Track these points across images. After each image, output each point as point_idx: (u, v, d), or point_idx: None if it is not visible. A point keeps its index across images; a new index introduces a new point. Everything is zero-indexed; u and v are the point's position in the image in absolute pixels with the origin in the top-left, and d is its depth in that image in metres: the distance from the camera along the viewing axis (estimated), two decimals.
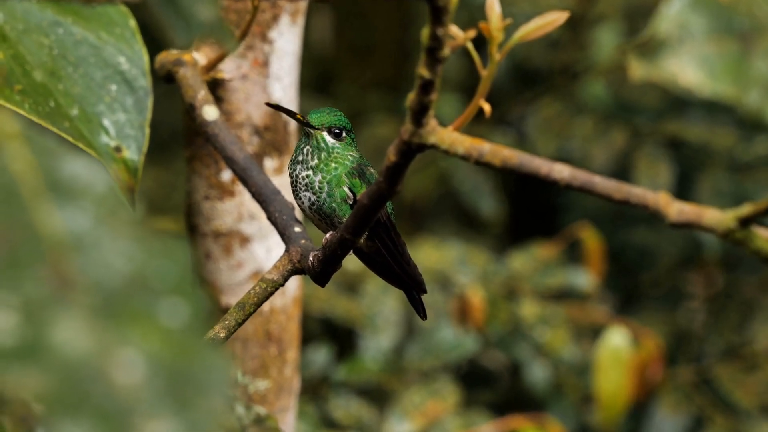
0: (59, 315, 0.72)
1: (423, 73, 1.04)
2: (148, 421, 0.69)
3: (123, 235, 0.76)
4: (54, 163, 0.79)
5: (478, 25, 1.09)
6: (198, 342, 0.73)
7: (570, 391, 2.99)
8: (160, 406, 0.70)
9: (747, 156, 3.31)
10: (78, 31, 1.37)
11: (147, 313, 0.74)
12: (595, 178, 0.99)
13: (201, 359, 0.73)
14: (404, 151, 1.10)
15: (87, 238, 0.76)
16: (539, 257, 3.01)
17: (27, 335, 0.71)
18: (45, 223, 0.75)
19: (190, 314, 0.74)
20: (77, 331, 0.71)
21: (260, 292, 1.38)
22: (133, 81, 1.40)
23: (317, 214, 1.44)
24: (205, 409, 0.71)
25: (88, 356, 0.71)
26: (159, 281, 0.75)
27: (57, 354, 0.70)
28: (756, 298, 3.36)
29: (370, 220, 1.24)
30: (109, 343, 0.72)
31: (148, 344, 0.72)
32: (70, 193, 0.78)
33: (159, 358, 0.72)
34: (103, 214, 0.76)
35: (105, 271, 0.74)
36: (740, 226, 0.92)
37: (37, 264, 0.73)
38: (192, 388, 0.71)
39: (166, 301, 0.74)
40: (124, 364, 0.71)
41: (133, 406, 0.70)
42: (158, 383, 0.71)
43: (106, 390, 0.70)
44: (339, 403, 2.74)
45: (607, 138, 3.36)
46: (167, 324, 0.74)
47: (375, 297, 2.85)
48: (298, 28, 1.78)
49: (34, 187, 0.76)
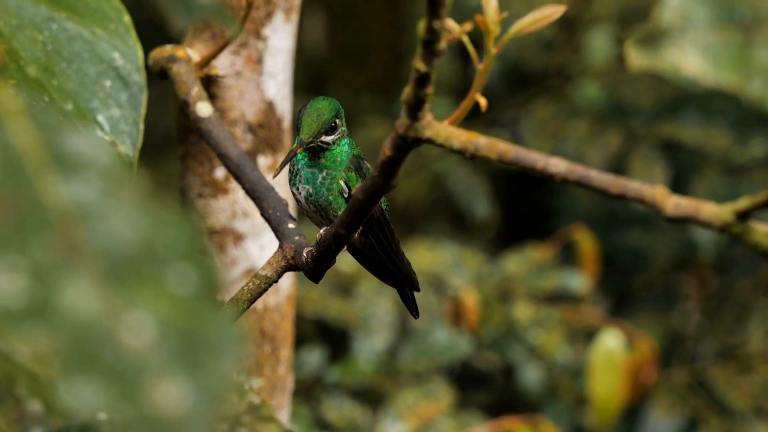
0: (67, 278, 0.72)
1: (419, 66, 1.03)
2: (159, 381, 0.70)
3: (129, 206, 0.76)
4: (58, 138, 0.79)
5: (475, 19, 1.08)
6: (208, 307, 0.73)
7: (564, 393, 2.98)
8: (170, 367, 0.70)
9: (742, 158, 3.30)
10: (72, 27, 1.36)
11: (156, 279, 0.74)
12: (591, 173, 0.98)
13: (211, 323, 0.73)
14: (399, 145, 1.09)
15: (93, 209, 0.76)
16: (533, 259, 3.01)
17: (36, 297, 0.71)
18: (51, 194, 0.75)
19: (199, 281, 0.74)
20: (86, 294, 0.72)
21: (254, 288, 1.37)
22: (128, 77, 1.40)
23: (312, 205, 1.43)
24: (217, 370, 0.71)
25: (98, 318, 0.71)
26: (167, 249, 0.75)
27: (66, 316, 0.71)
28: (750, 300, 3.36)
29: (364, 215, 1.24)
30: (118, 306, 0.72)
31: (158, 308, 0.72)
32: (76, 166, 0.78)
33: (169, 321, 0.72)
34: (109, 186, 0.77)
35: (112, 239, 0.75)
36: (738, 220, 0.92)
37: (44, 231, 0.74)
38: (203, 351, 0.72)
39: (174, 268, 0.75)
40: (133, 326, 0.71)
41: (143, 367, 0.70)
42: (168, 345, 0.71)
43: (116, 351, 0.70)
44: (332, 405, 2.73)
45: (601, 140, 3.36)
46: (176, 290, 0.74)
47: (369, 298, 2.84)
48: (291, 26, 1.78)
49: (39, 161, 0.76)
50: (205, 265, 0.75)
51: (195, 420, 0.69)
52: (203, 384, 0.70)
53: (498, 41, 1.11)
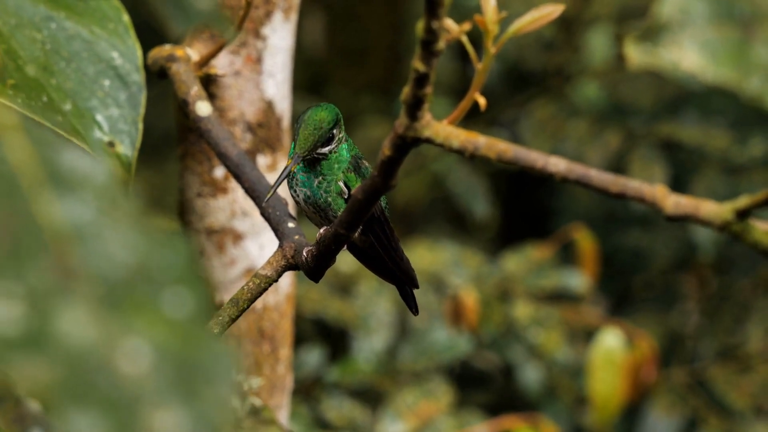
0: (63, 305, 0.72)
1: (418, 66, 1.03)
2: (156, 411, 0.69)
3: (125, 226, 0.76)
4: (54, 155, 0.78)
5: (474, 18, 1.08)
6: (203, 332, 0.73)
7: (563, 392, 2.98)
8: (167, 395, 0.70)
9: (741, 158, 3.30)
10: (71, 26, 1.36)
11: (151, 303, 0.73)
12: (591, 172, 0.98)
13: (207, 349, 0.72)
14: (399, 145, 1.09)
15: (89, 229, 0.75)
16: (533, 259, 3.01)
17: (32, 325, 0.70)
18: (46, 214, 0.75)
19: (194, 304, 0.74)
20: (82, 321, 0.71)
21: (254, 288, 1.37)
22: (127, 76, 1.39)
23: (312, 207, 1.43)
24: (213, 398, 0.71)
25: (94, 346, 0.70)
26: (162, 272, 0.75)
27: (62, 344, 0.70)
28: (749, 300, 3.36)
29: (364, 214, 1.24)
30: (114, 332, 0.71)
31: (154, 334, 0.72)
32: (71, 184, 0.77)
33: (165, 347, 0.72)
34: (105, 206, 0.76)
35: (107, 261, 0.74)
36: (738, 218, 0.92)
37: (40, 254, 0.73)
38: (199, 378, 0.71)
39: (170, 292, 0.74)
40: (129, 353, 0.71)
41: (140, 395, 0.69)
42: (165, 373, 0.71)
43: (113, 379, 0.70)
44: (332, 404, 2.73)
45: (601, 140, 3.36)
46: (172, 314, 0.73)
47: (368, 298, 2.84)
48: (291, 25, 1.78)
49: (34, 179, 0.76)
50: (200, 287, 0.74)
51: None
52: (200, 412, 0.70)
53: (497, 41, 1.11)
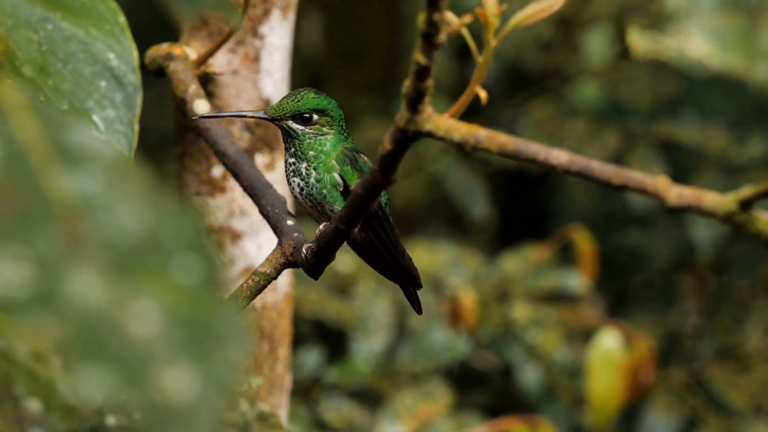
0: (72, 269, 0.72)
1: (419, 59, 1.03)
2: (166, 369, 0.70)
3: (134, 198, 0.76)
4: (62, 132, 0.79)
5: (474, 11, 1.08)
6: (213, 296, 0.74)
7: (562, 393, 2.98)
8: (177, 355, 0.71)
9: (740, 158, 3.30)
10: (67, 27, 1.36)
11: (161, 269, 0.74)
12: (592, 163, 0.98)
13: (217, 312, 0.73)
14: (400, 138, 1.09)
15: (97, 201, 0.76)
16: (531, 259, 3.00)
17: (42, 287, 0.71)
18: (55, 187, 0.76)
19: (204, 271, 0.75)
20: (91, 284, 0.72)
21: (253, 285, 1.36)
22: (123, 77, 1.39)
23: (308, 200, 1.42)
24: (223, 358, 0.71)
25: (103, 307, 0.71)
26: (172, 240, 0.76)
27: (72, 305, 0.71)
28: (748, 300, 3.36)
29: (364, 210, 1.23)
30: (123, 295, 0.72)
31: (164, 297, 0.73)
32: (80, 159, 0.78)
33: (175, 310, 0.72)
34: (113, 179, 0.77)
35: (117, 231, 0.75)
36: (741, 208, 0.91)
37: (49, 223, 0.74)
38: (209, 339, 0.72)
39: (179, 259, 0.75)
40: (139, 315, 0.72)
41: (149, 354, 0.70)
42: (175, 334, 0.72)
43: (123, 339, 0.71)
44: (330, 405, 2.73)
45: (599, 140, 3.36)
46: (182, 280, 0.74)
47: (367, 299, 2.84)
48: (289, 23, 1.77)
49: (43, 155, 0.77)
50: (210, 256, 0.75)
51: (203, 407, 0.70)
52: (210, 372, 0.71)
53: (497, 34, 1.11)
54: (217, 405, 0.70)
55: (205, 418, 0.69)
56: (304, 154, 1.42)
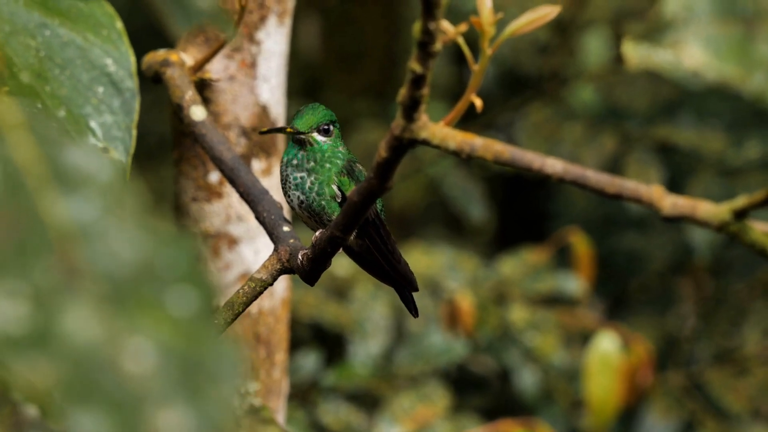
0: (68, 303, 0.72)
1: (414, 67, 1.03)
2: (160, 410, 0.70)
3: (130, 224, 0.76)
4: (58, 153, 0.79)
5: (470, 20, 1.08)
6: (208, 330, 0.73)
7: (560, 396, 2.98)
8: (171, 394, 0.70)
9: (737, 160, 3.30)
10: (65, 33, 1.36)
11: (156, 301, 0.74)
12: (587, 172, 0.98)
13: (211, 348, 0.73)
14: (395, 146, 1.09)
15: (94, 228, 0.76)
16: (529, 262, 3.00)
17: (37, 324, 0.71)
18: (51, 212, 0.75)
19: (199, 302, 0.74)
20: (87, 320, 0.72)
21: (249, 292, 1.36)
22: (120, 83, 1.39)
23: (306, 211, 1.43)
24: (217, 397, 0.71)
25: (98, 345, 0.71)
26: (167, 270, 0.75)
27: (67, 343, 0.71)
28: (746, 303, 3.36)
29: (360, 217, 1.23)
30: (118, 331, 0.72)
31: (158, 333, 0.72)
32: (76, 182, 0.78)
33: (169, 346, 0.72)
34: (109, 204, 0.77)
35: (112, 260, 0.74)
36: (735, 218, 0.91)
37: (45, 253, 0.73)
38: (203, 377, 0.72)
39: (174, 290, 0.75)
40: (134, 352, 0.71)
41: (144, 394, 0.70)
42: (169, 372, 0.71)
43: (117, 379, 0.70)
44: (328, 409, 2.73)
45: (596, 143, 3.36)
46: (176, 312, 0.74)
47: (364, 302, 2.84)
48: (285, 29, 1.77)
49: (39, 177, 0.76)
50: (205, 285, 0.74)
51: None
52: (204, 411, 0.70)
53: (493, 42, 1.11)
54: None
55: None
56: (321, 167, 1.43)
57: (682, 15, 0.83)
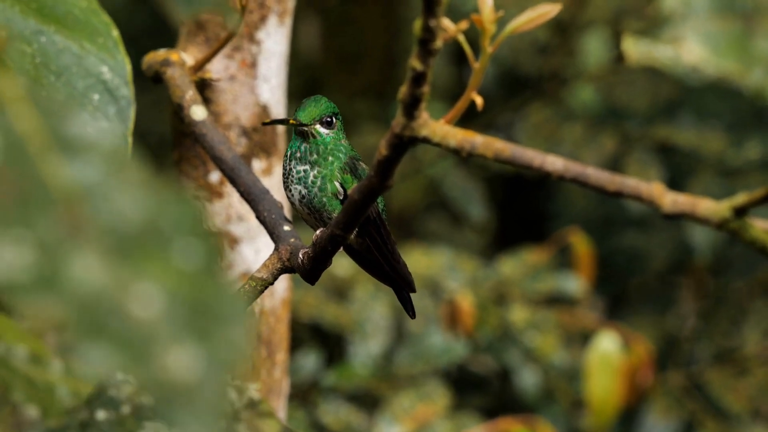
0: (74, 252, 0.73)
1: (415, 65, 1.03)
2: (170, 348, 0.71)
3: (133, 186, 0.77)
4: (61, 123, 0.80)
5: (471, 18, 1.08)
6: (214, 279, 0.74)
7: (560, 396, 2.98)
8: (179, 335, 0.71)
9: (737, 160, 3.30)
10: (60, 40, 1.36)
11: (161, 253, 0.75)
12: (588, 170, 0.98)
13: (218, 294, 0.74)
14: (396, 144, 1.09)
15: (97, 189, 0.77)
16: (529, 262, 3.00)
17: (43, 270, 0.72)
18: (54, 175, 0.76)
19: (204, 255, 0.75)
20: (92, 267, 0.73)
21: (250, 291, 1.36)
22: (116, 90, 1.39)
23: (307, 207, 1.43)
24: (226, 338, 0.72)
25: (105, 290, 0.72)
26: (172, 227, 0.76)
27: (73, 287, 0.72)
28: (746, 303, 3.36)
29: (360, 215, 1.23)
30: (125, 278, 0.73)
31: (165, 280, 0.73)
32: (78, 149, 0.79)
33: (176, 292, 0.73)
34: (112, 168, 0.78)
35: (117, 217, 0.76)
36: (735, 216, 0.91)
37: (49, 209, 0.75)
38: (211, 320, 0.73)
39: (180, 244, 0.76)
40: (141, 297, 0.72)
41: (152, 335, 0.71)
42: (177, 315, 0.72)
43: (125, 321, 0.71)
44: (329, 409, 2.73)
45: (596, 143, 3.36)
46: (182, 264, 0.75)
47: (364, 303, 2.84)
48: (285, 29, 1.77)
49: (41, 145, 0.77)
50: (210, 242, 0.75)
51: (207, 385, 0.70)
52: (213, 351, 0.71)
53: (494, 40, 1.11)
54: (221, 384, 0.71)
55: (209, 397, 0.70)
56: (324, 160, 1.43)
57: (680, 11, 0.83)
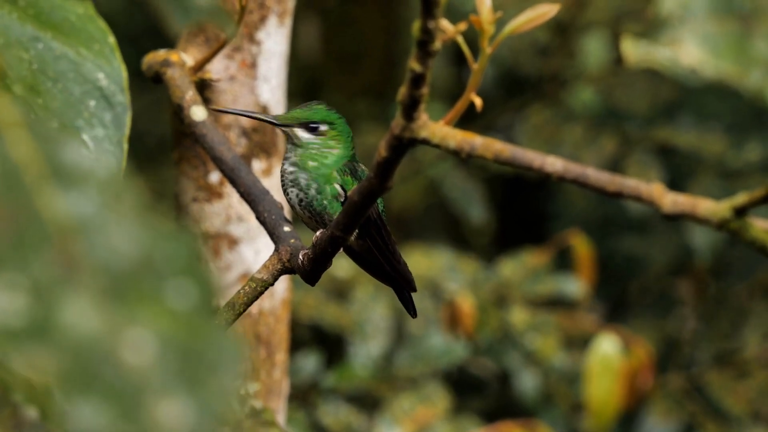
0: (67, 296, 0.72)
1: (414, 66, 1.03)
2: (160, 400, 0.70)
3: (128, 220, 0.76)
4: (56, 150, 0.79)
5: (469, 18, 1.08)
6: (207, 323, 0.74)
7: (560, 398, 2.97)
8: (171, 385, 0.71)
9: (737, 162, 3.30)
10: (57, 47, 1.36)
11: (155, 294, 0.74)
12: (588, 171, 0.98)
13: (211, 339, 0.73)
14: (395, 146, 1.09)
15: (92, 222, 0.76)
16: (529, 264, 3.00)
17: (36, 316, 0.71)
18: (49, 207, 0.76)
19: (198, 296, 0.75)
20: (86, 312, 0.72)
21: (250, 292, 1.36)
22: (112, 97, 1.39)
23: (307, 211, 1.43)
24: (217, 388, 0.71)
25: (98, 336, 0.71)
26: (166, 264, 0.76)
27: (66, 334, 0.71)
28: (746, 305, 3.36)
29: (360, 216, 1.23)
30: (118, 323, 0.72)
31: (158, 325, 0.73)
32: (74, 178, 0.78)
33: (169, 337, 0.72)
34: (108, 200, 0.77)
35: (111, 254, 0.75)
36: (735, 216, 0.91)
37: (44, 247, 0.74)
38: (203, 368, 0.72)
39: (174, 283, 0.75)
40: (134, 343, 0.72)
41: (144, 385, 0.70)
42: (169, 363, 0.71)
43: (117, 369, 0.70)
44: (328, 410, 2.73)
45: (596, 145, 3.36)
46: (176, 305, 0.74)
47: (364, 304, 2.84)
48: (285, 30, 1.77)
49: (37, 173, 0.77)
50: (204, 279, 0.75)
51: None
52: (204, 402, 0.70)
53: (493, 41, 1.11)
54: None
55: None
56: (303, 163, 1.43)
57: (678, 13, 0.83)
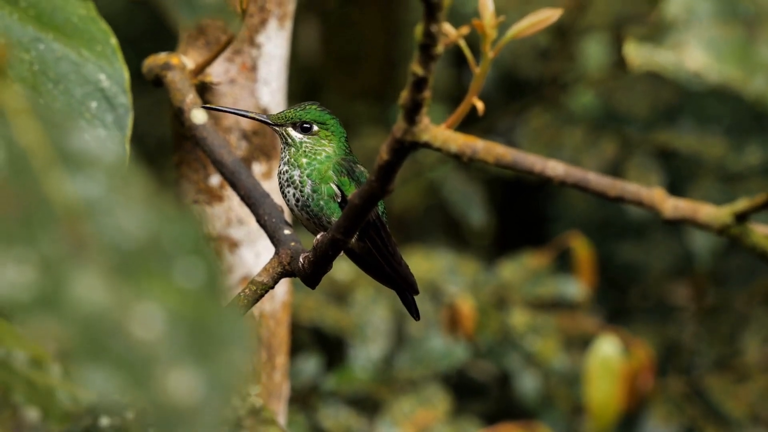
0: (76, 271, 0.73)
1: (416, 70, 1.03)
2: (170, 370, 0.71)
3: (136, 202, 0.77)
4: (64, 137, 0.80)
5: (472, 23, 1.08)
6: (215, 299, 0.74)
7: (560, 400, 2.97)
8: (180, 357, 0.71)
9: (738, 165, 3.30)
10: (59, 48, 1.36)
11: (163, 272, 0.75)
12: (589, 175, 0.98)
13: (219, 315, 0.74)
14: (397, 149, 1.09)
15: (100, 205, 0.77)
16: (529, 266, 3.00)
17: (45, 289, 0.72)
18: (57, 191, 0.76)
19: (205, 275, 0.76)
20: (95, 287, 0.73)
21: (250, 295, 1.36)
22: (113, 98, 1.39)
23: (304, 212, 1.43)
24: (227, 360, 0.72)
25: (107, 310, 0.72)
26: (174, 244, 0.76)
27: (75, 307, 0.72)
28: (746, 310, 3.36)
29: (361, 219, 1.23)
30: (127, 298, 0.73)
31: (166, 300, 0.73)
32: (81, 163, 0.79)
33: (178, 313, 0.73)
34: (115, 183, 0.78)
35: (119, 234, 0.76)
36: (736, 221, 0.91)
37: (51, 226, 0.75)
38: (212, 342, 0.73)
39: (181, 263, 0.76)
40: (143, 318, 0.72)
41: (153, 357, 0.71)
42: (178, 336, 0.72)
43: (127, 342, 0.71)
44: (329, 413, 2.73)
45: (597, 148, 3.36)
46: (184, 283, 0.75)
47: (365, 306, 2.84)
48: (286, 33, 1.77)
49: (44, 159, 0.77)
50: (211, 260, 0.75)
51: (207, 408, 0.71)
52: (214, 374, 0.71)
53: (495, 45, 1.11)
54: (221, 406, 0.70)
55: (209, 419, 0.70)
56: (296, 161, 1.43)
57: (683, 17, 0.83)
